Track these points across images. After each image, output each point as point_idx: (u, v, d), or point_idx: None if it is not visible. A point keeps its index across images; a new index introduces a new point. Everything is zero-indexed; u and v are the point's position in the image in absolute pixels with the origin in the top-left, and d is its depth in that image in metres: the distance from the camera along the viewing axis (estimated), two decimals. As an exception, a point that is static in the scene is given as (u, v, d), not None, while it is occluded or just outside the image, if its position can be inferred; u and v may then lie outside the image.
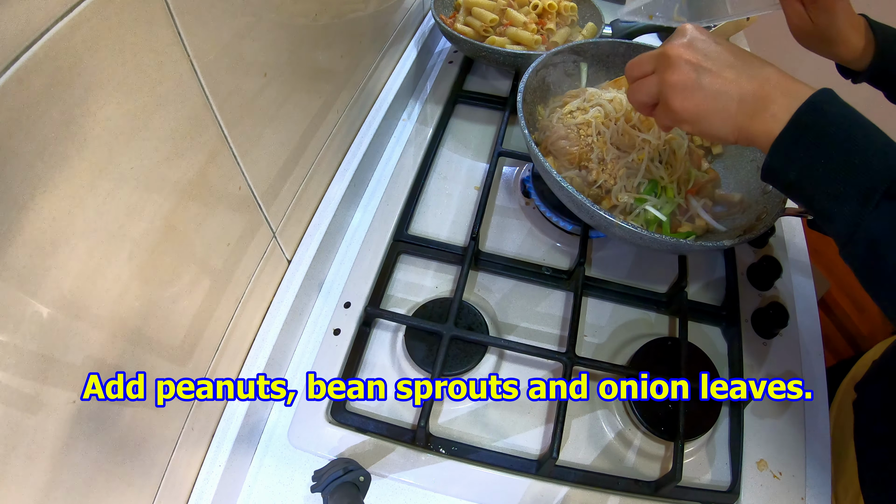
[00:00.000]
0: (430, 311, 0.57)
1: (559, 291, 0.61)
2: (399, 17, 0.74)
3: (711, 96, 0.39)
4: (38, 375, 0.27)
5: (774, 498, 0.49)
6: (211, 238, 0.40)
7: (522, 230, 0.66)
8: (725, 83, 0.39)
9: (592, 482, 0.49)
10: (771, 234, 0.67)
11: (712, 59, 0.40)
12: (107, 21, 0.26)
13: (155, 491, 0.40)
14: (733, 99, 0.39)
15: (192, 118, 0.35)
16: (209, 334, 0.43)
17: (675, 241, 0.49)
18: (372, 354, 0.56)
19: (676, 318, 0.58)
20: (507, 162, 0.73)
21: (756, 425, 0.53)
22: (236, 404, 0.48)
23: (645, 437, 0.51)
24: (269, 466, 0.49)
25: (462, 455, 0.49)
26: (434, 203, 0.68)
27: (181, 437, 0.42)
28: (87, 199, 0.28)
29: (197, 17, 0.33)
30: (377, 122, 0.68)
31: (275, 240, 0.51)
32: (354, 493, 0.42)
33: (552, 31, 0.78)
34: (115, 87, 0.28)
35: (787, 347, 0.58)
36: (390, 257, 0.61)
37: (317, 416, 0.51)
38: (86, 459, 0.32)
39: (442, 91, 0.81)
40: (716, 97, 0.39)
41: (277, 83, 0.44)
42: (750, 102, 0.38)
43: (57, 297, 0.28)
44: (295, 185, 0.53)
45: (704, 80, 0.40)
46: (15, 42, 0.22)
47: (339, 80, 0.58)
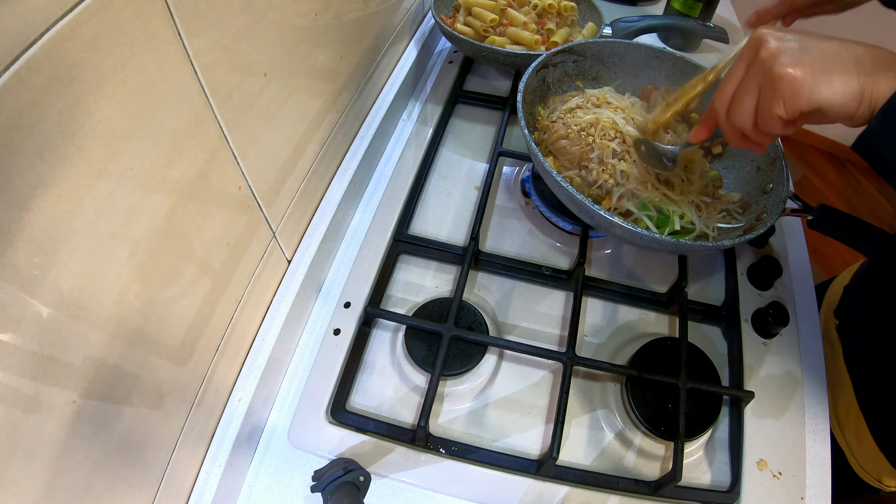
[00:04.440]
0: (430, 311, 0.57)
1: (559, 291, 0.61)
2: (399, 17, 0.74)
3: (825, 57, 0.35)
4: (38, 375, 0.27)
5: (774, 498, 0.49)
6: (211, 238, 0.40)
7: (522, 230, 0.66)
8: (834, 47, 0.35)
9: (592, 482, 0.49)
10: (771, 234, 0.67)
11: (809, 34, 0.37)
12: (107, 21, 0.26)
13: (155, 491, 0.40)
14: (848, 59, 0.35)
15: (192, 118, 0.35)
16: (209, 334, 0.43)
17: (675, 241, 0.49)
18: (372, 354, 0.56)
19: (676, 318, 0.58)
20: (507, 162, 0.73)
21: (756, 425, 0.53)
22: (236, 404, 0.48)
23: (645, 437, 0.51)
24: (269, 466, 0.49)
25: (462, 455, 0.49)
26: (434, 203, 0.68)
27: (181, 437, 0.42)
28: (87, 199, 0.28)
29: (197, 17, 0.33)
30: (377, 122, 0.68)
31: (275, 240, 0.51)
32: (354, 493, 0.42)
33: (552, 31, 0.78)
34: (115, 87, 0.28)
35: (787, 347, 0.58)
36: (390, 257, 0.61)
37: (317, 416, 0.51)
38: (86, 459, 0.32)
39: (442, 91, 0.81)
40: (830, 58, 0.35)
41: (277, 83, 0.44)
42: (868, 62, 0.34)
43: (57, 297, 0.28)
44: (295, 185, 0.53)
45: (810, 45, 0.36)
46: (15, 42, 0.22)
47: (339, 80, 0.58)
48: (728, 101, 0.41)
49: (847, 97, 0.34)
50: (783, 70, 0.35)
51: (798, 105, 0.36)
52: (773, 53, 0.36)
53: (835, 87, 0.34)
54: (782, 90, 0.36)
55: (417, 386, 0.53)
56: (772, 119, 0.38)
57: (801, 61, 0.35)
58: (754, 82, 0.38)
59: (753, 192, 0.60)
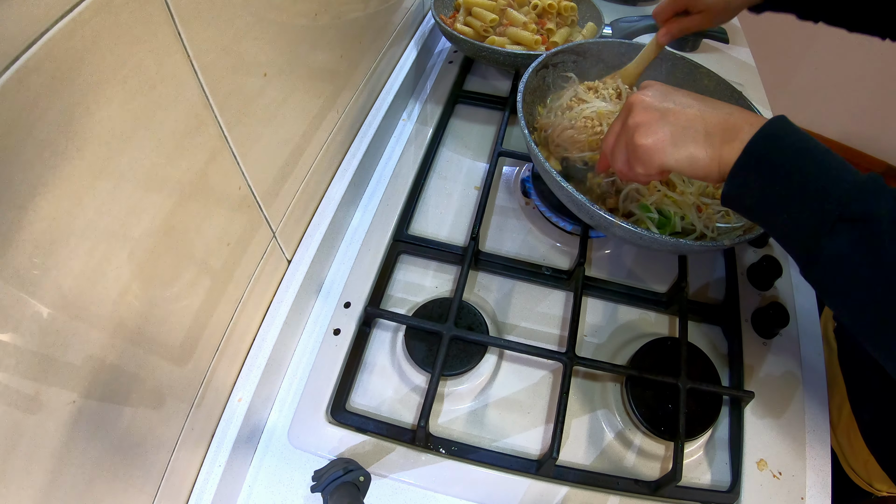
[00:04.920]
0: (430, 311, 0.57)
1: (559, 291, 0.61)
2: (399, 17, 0.74)
3: (678, 130, 0.40)
4: (38, 375, 0.27)
5: (774, 498, 0.49)
6: (211, 238, 0.40)
7: (522, 230, 0.66)
8: (690, 119, 0.40)
9: (592, 482, 0.49)
10: (771, 234, 0.67)
11: (673, 101, 0.41)
12: (107, 21, 0.26)
13: (155, 491, 0.40)
14: (700, 132, 0.39)
15: (192, 118, 0.35)
16: (209, 334, 0.43)
17: (675, 241, 0.49)
18: (372, 354, 0.56)
19: (676, 318, 0.58)
20: (507, 162, 0.73)
21: (756, 425, 0.53)
22: (236, 404, 0.48)
23: (645, 437, 0.51)
24: (269, 466, 0.49)
25: (462, 455, 0.49)
26: (434, 203, 0.68)
27: (181, 437, 0.42)
28: (87, 199, 0.28)
29: (197, 16, 0.33)
30: (377, 122, 0.68)
31: (275, 240, 0.51)
32: (354, 493, 0.42)
33: (552, 31, 0.78)
34: (115, 87, 0.28)
35: (787, 347, 0.58)
36: (390, 257, 0.61)
37: (317, 416, 0.51)
38: (86, 459, 0.32)
39: (442, 91, 0.81)
40: (682, 131, 0.40)
41: (277, 83, 0.44)
42: (718, 133, 0.39)
43: (57, 297, 0.28)
44: (295, 185, 0.53)
45: (669, 118, 0.41)
46: (15, 42, 0.22)
47: (339, 80, 0.58)
48: (609, 150, 0.47)
49: (695, 165, 0.40)
50: (640, 140, 0.41)
51: (651, 169, 0.42)
52: (637, 123, 0.42)
53: (681, 156, 0.40)
54: (639, 156, 0.42)
55: (417, 386, 0.53)
56: (634, 174, 0.44)
57: (656, 133, 0.41)
58: (622, 141, 0.44)
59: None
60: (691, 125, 0.40)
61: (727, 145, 0.38)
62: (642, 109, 0.42)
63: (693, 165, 0.40)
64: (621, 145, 0.45)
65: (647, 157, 0.41)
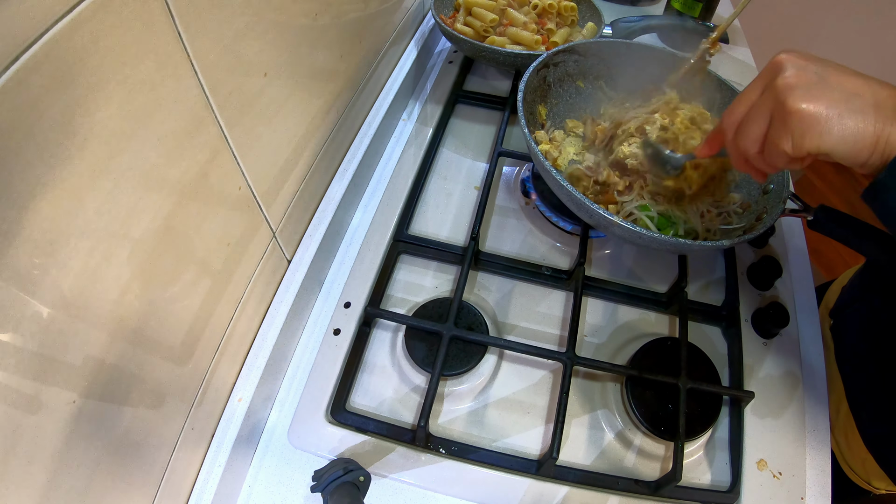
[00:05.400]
0: (430, 311, 0.57)
1: (559, 291, 0.61)
2: (399, 17, 0.74)
3: (843, 97, 0.33)
4: (38, 375, 0.27)
5: (774, 498, 0.49)
6: (211, 238, 0.40)
7: (522, 230, 0.66)
8: (856, 85, 0.33)
9: (592, 482, 0.49)
10: (771, 234, 0.67)
11: (833, 65, 0.34)
12: (107, 21, 0.26)
13: (155, 491, 0.40)
14: (868, 102, 0.32)
15: (192, 118, 0.35)
16: (209, 334, 0.43)
17: (675, 241, 0.49)
18: (372, 354, 0.56)
19: (676, 318, 0.58)
20: (507, 162, 0.73)
21: (756, 425, 0.53)
22: (236, 404, 0.48)
23: (645, 437, 0.51)
24: (269, 466, 0.49)
25: (462, 455, 0.49)
26: (434, 203, 0.68)
27: (181, 437, 0.42)
28: (87, 199, 0.28)
29: (197, 16, 0.33)
30: (377, 122, 0.68)
31: (275, 240, 0.51)
32: (354, 493, 0.42)
33: (552, 31, 0.78)
34: (115, 87, 0.28)
35: (787, 347, 0.58)
36: (390, 257, 0.61)
37: (317, 416, 0.51)
38: (86, 459, 0.32)
39: (442, 91, 0.81)
40: (849, 98, 0.33)
41: (277, 83, 0.44)
42: (889, 107, 0.32)
43: (57, 297, 0.28)
44: (295, 185, 0.53)
45: (832, 80, 0.33)
46: (15, 42, 0.22)
47: (339, 80, 0.58)
48: (736, 124, 0.39)
49: (858, 144, 0.32)
50: (796, 105, 0.33)
51: (805, 145, 0.34)
52: (790, 84, 0.34)
53: (846, 131, 0.32)
54: (792, 126, 0.34)
55: (417, 386, 0.53)
56: (777, 153, 0.36)
57: (817, 97, 0.33)
58: (766, 110, 0.36)
59: (753, 192, 0.60)
60: (859, 92, 0.32)
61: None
62: (797, 69, 0.34)
63: (857, 144, 0.32)
64: (761, 114, 0.36)
65: (803, 129, 0.33)
